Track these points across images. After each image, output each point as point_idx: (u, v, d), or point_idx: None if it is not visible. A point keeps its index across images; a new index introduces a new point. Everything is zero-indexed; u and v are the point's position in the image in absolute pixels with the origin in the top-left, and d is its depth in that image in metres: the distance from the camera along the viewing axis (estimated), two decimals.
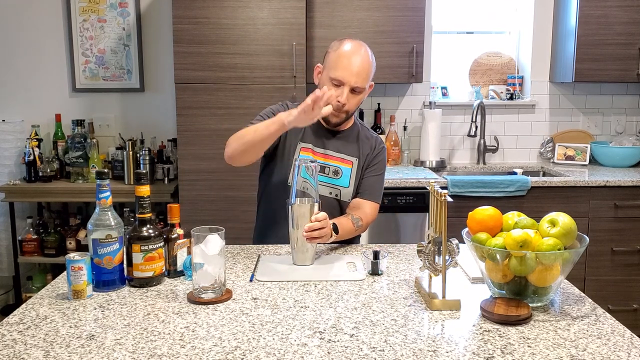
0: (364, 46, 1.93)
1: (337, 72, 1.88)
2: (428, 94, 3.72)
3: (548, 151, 3.78)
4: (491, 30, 3.89)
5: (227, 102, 3.08)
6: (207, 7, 3.02)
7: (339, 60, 1.89)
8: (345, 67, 1.88)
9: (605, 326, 1.33)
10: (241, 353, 1.19)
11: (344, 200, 2.03)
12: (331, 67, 1.90)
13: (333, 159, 2.02)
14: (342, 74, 1.88)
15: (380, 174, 2.09)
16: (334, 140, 2.04)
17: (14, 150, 3.50)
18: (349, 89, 1.89)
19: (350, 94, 1.90)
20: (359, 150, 2.06)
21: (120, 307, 1.43)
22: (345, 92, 1.89)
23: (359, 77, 1.89)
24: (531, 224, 1.45)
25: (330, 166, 2.01)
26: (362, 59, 1.90)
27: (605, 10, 3.35)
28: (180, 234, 1.65)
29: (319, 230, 1.71)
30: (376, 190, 2.06)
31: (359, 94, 1.93)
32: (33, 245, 3.37)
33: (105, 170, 1.56)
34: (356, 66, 1.88)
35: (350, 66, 1.88)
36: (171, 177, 3.42)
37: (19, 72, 3.60)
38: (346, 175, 2.02)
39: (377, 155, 2.08)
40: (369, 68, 1.92)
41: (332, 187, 2.01)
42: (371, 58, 1.94)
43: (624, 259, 3.21)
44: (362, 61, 1.89)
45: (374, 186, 2.06)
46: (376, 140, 2.11)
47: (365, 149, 2.06)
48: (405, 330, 1.30)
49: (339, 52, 1.90)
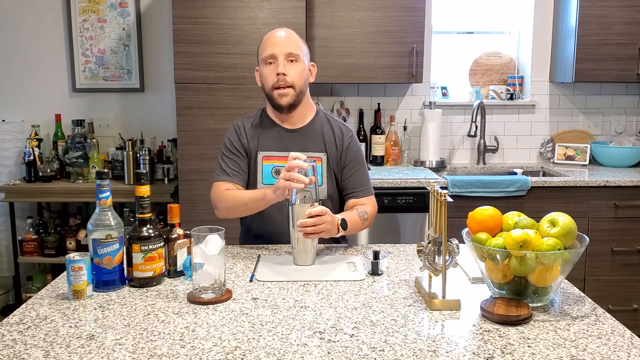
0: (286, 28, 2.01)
1: (267, 51, 1.94)
2: (428, 94, 3.72)
3: (548, 151, 3.78)
4: (491, 30, 3.89)
5: (226, 102, 3.08)
6: (207, 7, 3.02)
7: (264, 43, 1.97)
8: (271, 42, 1.94)
9: (605, 326, 1.33)
10: (241, 353, 1.19)
11: (321, 198, 1.97)
12: (261, 53, 1.97)
13: None
14: (271, 48, 1.93)
15: (360, 167, 2.03)
16: (295, 138, 2.01)
17: (14, 150, 3.50)
18: (284, 58, 1.91)
19: (287, 63, 1.92)
20: (325, 144, 2.01)
21: (120, 307, 1.43)
22: (280, 61, 1.91)
23: (288, 45, 1.92)
24: (531, 224, 1.45)
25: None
26: (286, 32, 1.97)
27: (605, 10, 3.35)
28: (180, 234, 1.65)
29: (314, 227, 1.69)
30: (364, 183, 2.03)
31: (297, 64, 1.93)
32: (33, 245, 3.37)
33: (105, 170, 1.56)
34: (280, 36, 1.95)
35: (275, 38, 1.95)
36: (171, 177, 3.42)
37: (19, 72, 3.60)
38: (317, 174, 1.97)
39: (348, 149, 2.02)
40: (296, 39, 1.97)
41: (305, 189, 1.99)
42: (298, 35, 1.99)
43: (624, 259, 3.21)
44: (285, 33, 1.96)
45: (360, 181, 2.02)
46: (343, 131, 2.04)
47: (331, 144, 2.01)
48: (405, 330, 1.30)
49: (264, 38, 1.99)
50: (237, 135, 2.03)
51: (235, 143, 2.02)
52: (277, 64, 1.91)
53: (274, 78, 1.91)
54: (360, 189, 2.02)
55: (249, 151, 2.02)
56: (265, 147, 2.00)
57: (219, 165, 2.02)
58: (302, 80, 1.95)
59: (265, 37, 1.98)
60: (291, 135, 2.01)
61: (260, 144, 2.01)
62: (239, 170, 1.99)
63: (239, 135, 2.03)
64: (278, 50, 1.91)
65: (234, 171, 1.99)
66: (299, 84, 1.94)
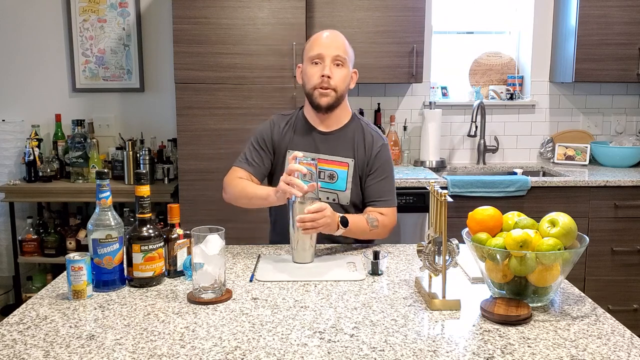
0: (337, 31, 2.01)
1: (315, 50, 1.93)
2: (428, 94, 3.72)
3: (548, 151, 3.78)
4: (491, 30, 3.89)
5: (227, 102, 3.08)
6: (207, 7, 3.02)
7: (314, 42, 1.96)
8: (319, 43, 1.94)
9: (605, 326, 1.33)
10: (241, 353, 1.19)
11: (343, 204, 1.99)
12: (308, 52, 1.97)
13: (327, 162, 1.98)
14: (319, 48, 1.93)
15: (385, 177, 2.00)
16: (326, 142, 2.00)
17: (14, 150, 3.50)
18: (330, 61, 1.91)
19: (333, 66, 1.92)
20: (355, 150, 2.00)
21: (120, 307, 1.43)
22: (327, 63, 1.91)
23: (336, 48, 1.92)
24: (531, 224, 1.45)
25: (324, 170, 1.98)
26: (336, 35, 1.97)
27: (605, 10, 3.35)
28: (180, 234, 1.65)
29: (313, 222, 1.70)
30: (385, 194, 1.99)
31: (342, 67, 1.94)
32: (33, 245, 3.37)
33: (105, 170, 1.56)
34: (330, 39, 1.95)
35: (324, 39, 1.95)
36: (171, 177, 3.42)
37: (19, 72, 3.60)
38: (342, 179, 1.98)
39: (376, 157, 1.99)
40: (345, 44, 1.97)
41: (329, 191, 1.98)
42: (347, 41, 1.99)
43: (624, 259, 3.21)
44: (336, 36, 1.96)
45: (381, 191, 1.99)
46: (374, 138, 2.02)
47: (360, 150, 2.00)
48: (405, 330, 1.30)
49: (313, 38, 1.99)
50: (270, 130, 2.05)
51: (265, 137, 2.04)
52: (323, 65, 1.92)
53: (318, 78, 1.92)
54: (380, 199, 1.99)
55: (278, 148, 2.04)
56: (295, 146, 2.01)
57: (243, 152, 2.06)
58: (344, 85, 1.97)
59: (314, 37, 1.98)
60: (323, 137, 2.02)
61: (292, 142, 2.02)
62: (259, 163, 2.02)
63: (271, 130, 2.05)
64: (326, 51, 1.91)
65: (255, 163, 2.02)
66: (340, 88, 1.95)
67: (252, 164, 2.01)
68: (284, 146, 2.03)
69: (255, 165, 2.02)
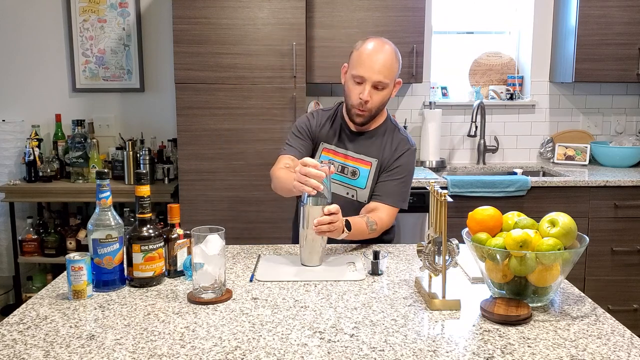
0: (388, 43, 1.94)
1: (359, 70, 1.91)
2: (428, 94, 3.72)
3: (548, 151, 3.78)
4: (491, 30, 3.89)
5: (227, 102, 3.08)
6: (207, 7, 3.02)
7: (360, 58, 1.92)
8: (366, 64, 1.90)
9: (605, 326, 1.33)
10: (241, 353, 1.19)
11: (360, 201, 2.03)
12: (353, 66, 1.94)
13: (352, 159, 2.04)
14: (363, 70, 1.90)
15: (400, 179, 2.01)
16: (357, 140, 2.06)
17: (14, 150, 3.50)
18: (371, 85, 1.91)
19: (373, 90, 1.92)
20: (381, 151, 2.03)
21: (120, 307, 1.43)
22: (367, 88, 1.91)
23: (380, 74, 1.90)
24: (531, 224, 1.45)
25: (349, 167, 2.04)
26: (384, 55, 1.91)
27: (605, 10, 3.35)
28: (180, 234, 1.65)
29: (329, 225, 1.69)
30: (393, 194, 2.00)
31: (382, 91, 1.93)
32: (33, 245, 3.37)
33: (105, 170, 1.56)
34: (377, 63, 1.90)
35: (371, 63, 1.90)
36: (171, 177, 3.42)
37: (19, 72, 3.60)
38: (363, 177, 2.02)
39: (398, 159, 2.02)
40: (392, 64, 1.92)
41: (349, 187, 2.03)
42: (396, 55, 1.94)
43: (624, 259, 3.21)
44: (384, 58, 1.90)
45: (389, 190, 2.00)
46: (401, 142, 2.05)
47: (386, 151, 2.04)
48: (405, 330, 1.30)
49: (361, 50, 1.93)
50: (309, 120, 2.11)
51: (305, 126, 2.10)
52: (364, 87, 1.91)
53: (356, 99, 1.93)
54: (385, 195, 2.00)
55: (315, 138, 2.09)
56: (328, 140, 2.08)
57: (286, 141, 2.10)
58: (382, 105, 1.98)
59: (363, 50, 1.92)
60: (353, 136, 2.06)
61: (326, 136, 2.08)
62: (302, 149, 2.06)
63: (311, 121, 2.11)
64: (369, 74, 1.89)
65: (298, 148, 2.06)
66: (378, 108, 1.98)
67: (295, 149, 2.06)
68: (320, 137, 2.09)
69: (299, 150, 2.06)
